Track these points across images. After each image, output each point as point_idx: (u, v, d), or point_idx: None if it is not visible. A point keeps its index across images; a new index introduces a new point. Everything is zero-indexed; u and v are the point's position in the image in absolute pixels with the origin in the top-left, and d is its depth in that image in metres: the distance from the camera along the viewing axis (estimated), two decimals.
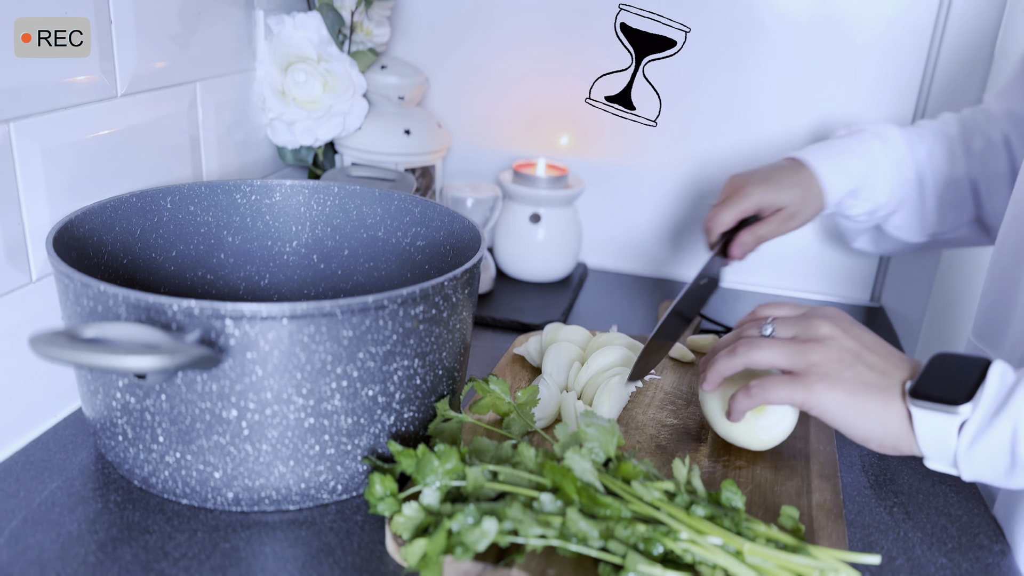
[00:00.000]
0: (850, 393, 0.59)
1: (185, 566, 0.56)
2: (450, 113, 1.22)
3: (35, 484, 0.64)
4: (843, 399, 0.60)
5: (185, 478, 0.60)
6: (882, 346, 0.63)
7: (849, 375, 0.60)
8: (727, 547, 0.53)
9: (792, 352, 0.62)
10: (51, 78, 0.68)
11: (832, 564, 0.53)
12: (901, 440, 0.59)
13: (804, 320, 0.64)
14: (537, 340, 0.87)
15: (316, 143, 1.05)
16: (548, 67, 1.17)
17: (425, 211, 0.81)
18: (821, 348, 0.61)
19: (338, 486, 0.63)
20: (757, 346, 0.64)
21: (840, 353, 0.61)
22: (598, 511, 0.56)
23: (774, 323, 0.65)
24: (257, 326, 0.55)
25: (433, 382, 0.65)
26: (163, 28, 0.81)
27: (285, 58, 0.99)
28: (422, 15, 1.18)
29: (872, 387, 0.59)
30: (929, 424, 0.57)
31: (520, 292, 1.11)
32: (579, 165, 1.20)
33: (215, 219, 0.81)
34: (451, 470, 0.59)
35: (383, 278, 0.84)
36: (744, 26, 1.10)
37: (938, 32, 1.06)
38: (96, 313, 0.57)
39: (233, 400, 0.57)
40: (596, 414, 0.64)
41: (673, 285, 1.19)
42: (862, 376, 0.60)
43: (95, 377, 0.60)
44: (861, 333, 0.63)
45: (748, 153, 1.15)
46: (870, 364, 0.61)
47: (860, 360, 0.61)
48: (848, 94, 1.10)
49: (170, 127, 0.84)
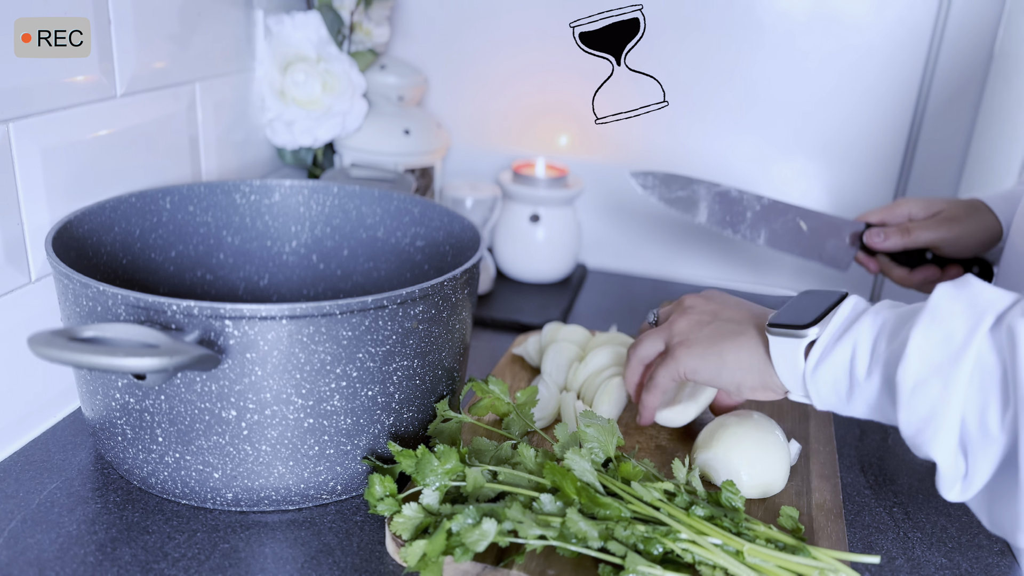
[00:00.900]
0: (707, 347, 0.63)
1: (184, 566, 0.56)
2: (449, 113, 1.22)
3: (34, 484, 0.64)
4: (701, 353, 0.63)
5: (184, 478, 0.60)
6: (745, 306, 0.66)
7: (706, 332, 0.64)
8: (727, 547, 0.53)
9: (661, 330, 0.68)
10: (50, 78, 0.68)
11: (832, 564, 0.53)
12: (765, 376, 0.61)
13: (677, 302, 0.70)
14: (536, 340, 0.87)
15: (315, 143, 1.05)
16: (548, 67, 1.17)
17: (425, 211, 0.81)
18: (681, 318, 0.67)
19: (338, 486, 0.63)
20: (640, 342, 0.70)
21: (698, 317, 0.66)
22: (598, 511, 0.56)
23: (659, 310, 0.72)
24: (256, 326, 0.55)
25: (432, 382, 0.65)
26: (162, 28, 0.81)
27: (284, 58, 0.99)
28: (422, 15, 1.18)
29: (726, 335, 0.63)
30: (781, 349, 0.59)
31: (520, 292, 1.11)
32: (579, 165, 1.20)
33: (214, 219, 0.81)
34: (451, 470, 0.59)
35: (382, 278, 0.84)
36: (743, 26, 1.10)
37: (937, 32, 1.06)
38: (95, 313, 0.57)
39: (232, 400, 0.57)
40: (596, 414, 0.64)
41: (673, 286, 1.19)
42: (718, 330, 0.64)
43: (94, 377, 0.60)
44: (727, 299, 0.67)
45: (748, 153, 1.15)
46: (727, 318, 0.65)
47: (717, 318, 0.65)
48: (848, 94, 1.10)
49: (169, 127, 0.84)
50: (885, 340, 0.54)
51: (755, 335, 0.62)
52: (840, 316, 0.57)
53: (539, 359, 0.86)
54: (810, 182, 1.15)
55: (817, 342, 0.57)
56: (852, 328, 0.56)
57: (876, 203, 1.14)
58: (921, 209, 0.85)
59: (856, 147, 1.12)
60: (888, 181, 1.13)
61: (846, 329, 0.56)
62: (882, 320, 0.55)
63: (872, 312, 0.56)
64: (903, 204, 0.87)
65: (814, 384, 0.57)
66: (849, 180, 1.14)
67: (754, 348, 0.62)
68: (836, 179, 1.14)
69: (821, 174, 1.14)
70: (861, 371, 0.55)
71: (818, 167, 1.14)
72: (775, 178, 1.15)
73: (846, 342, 0.56)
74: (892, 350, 0.53)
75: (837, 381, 0.57)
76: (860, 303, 0.58)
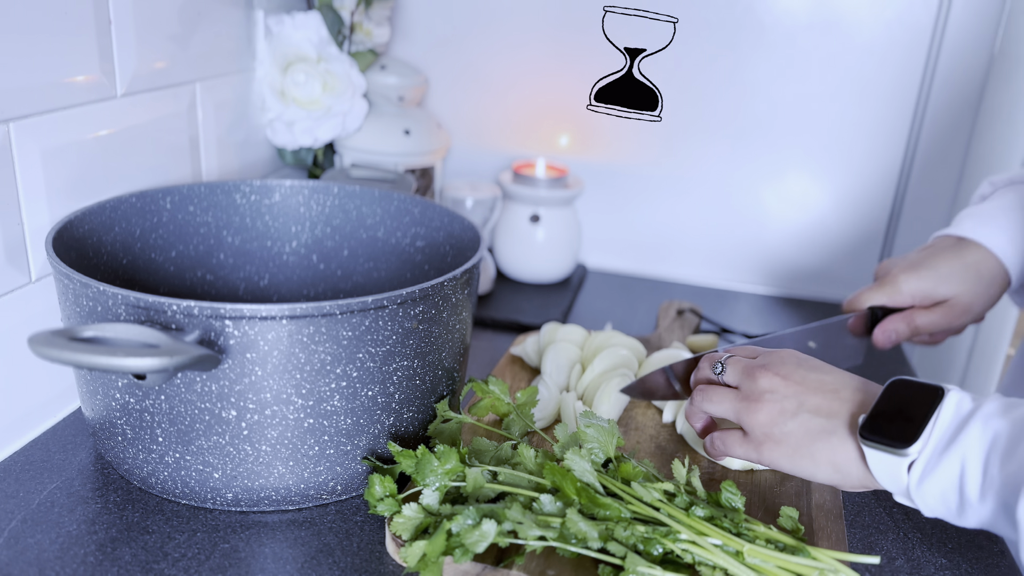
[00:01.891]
0: (796, 447, 0.58)
1: (184, 566, 0.56)
2: (450, 113, 1.22)
3: (34, 484, 0.64)
4: (791, 454, 0.58)
5: (184, 478, 0.60)
6: (829, 382, 0.59)
7: (792, 427, 0.58)
8: (727, 548, 0.53)
9: (737, 409, 0.61)
10: (51, 78, 0.68)
11: (832, 565, 0.53)
12: (864, 479, 0.56)
13: (748, 370, 0.62)
14: (534, 340, 0.87)
15: (316, 143, 1.05)
16: (548, 67, 1.17)
17: (425, 211, 0.81)
18: (762, 406, 0.59)
19: (338, 486, 0.63)
20: (708, 398, 0.64)
21: (781, 406, 0.59)
22: (598, 512, 0.56)
23: (726, 363, 0.64)
24: (256, 326, 0.55)
25: (433, 382, 0.65)
26: (163, 28, 0.81)
27: (285, 58, 0.99)
28: (422, 15, 1.18)
29: (817, 434, 0.57)
30: (881, 463, 0.54)
31: (520, 293, 1.11)
32: (579, 165, 1.20)
33: (215, 219, 0.81)
34: (451, 471, 0.59)
35: (383, 278, 0.84)
36: (743, 27, 1.10)
37: (938, 33, 1.06)
38: (95, 313, 0.57)
39: (233, 400, 0.57)
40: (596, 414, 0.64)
41: (673, 286, 1.19)
42: (806, 425, 0.58)
43: (94, 377, 0.60)
44: (805, 375, 0.60)
45: (748, 154, 1.15)
46: (813, 409, 0.58)
47: (802, 408, 0.58)
48: (848, 94, 1.10)
49: (170, 127, 0.84)
50: (998, 460, 0.49)
51: (848, 436, 0.56)
52: (943, 424, 0.52)
53: (538, 359, 0.86)
54: (810, 183, 1.15)
55: (918, 459, 0.52)
56: (958, 440, 0.51)
57: (875, 203, 1.14)
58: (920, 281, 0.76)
59: (856, 148, 1.12)
60: (888, 181, 1.13)
61: (951, 440, 0.51)
62: (993, 433, 0.50)
63: (980, 420, 0.51)
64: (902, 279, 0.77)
65: (920, 497, 0.53)
66: (849, 181, 1.14)
67: (849, 452, 0.56)
68: (836, 180, 1.14)
69: (821, 175, 1.14)
70: (973, 493, 0.50)
71: (818, 168, 1.14)
72: (775, 179, 1.16)
73: (952, 457, 0.51)
74: (1008, 474, 0.48)
75: (946, 496, 0.52)
76: (963, 403, 0.52)
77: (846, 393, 0.58)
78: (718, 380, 0.64)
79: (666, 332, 0.97)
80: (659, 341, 0.94)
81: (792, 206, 1.16)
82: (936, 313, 0.76)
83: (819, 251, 1.18)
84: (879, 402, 0.55)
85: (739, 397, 0.62)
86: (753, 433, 0.60)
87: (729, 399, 0.62)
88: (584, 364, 0.84)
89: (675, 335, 0.97)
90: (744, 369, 0.62)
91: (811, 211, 1.16)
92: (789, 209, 1.17)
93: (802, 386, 0.59)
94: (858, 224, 1.15)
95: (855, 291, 1.18)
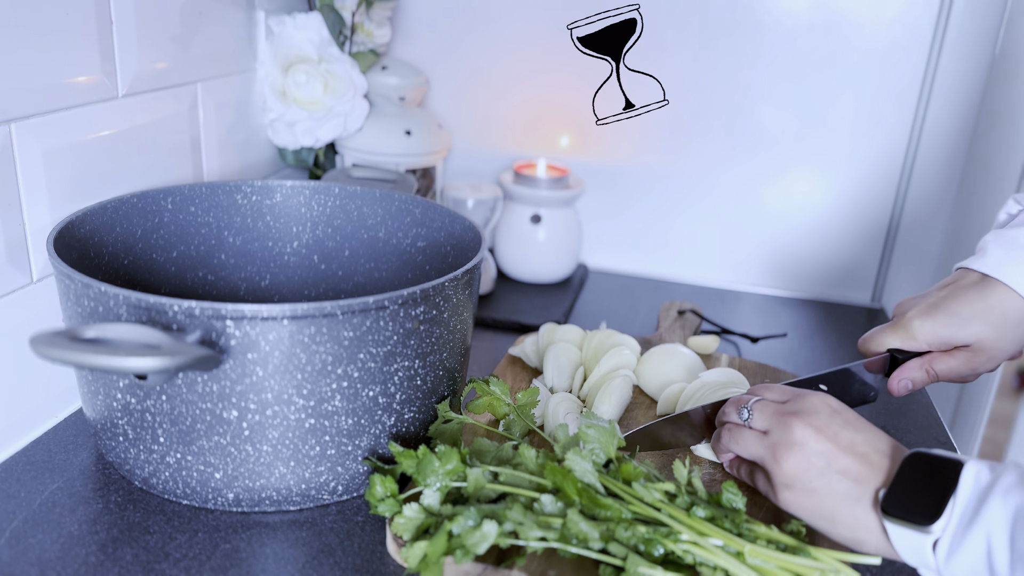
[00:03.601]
0: (819, 504, 0.57)
1: (186, 567, 0.56)
2: (451, 114, 1.23)
3: (36, 485, 0.64)
4: (812, 509, 0.57)
5: (186, 479, 0.60)
6: (860, 443, 0.57)
7: (818, 484, 0.57)
8: (728, 548, 0.53)
9: (765, 455, 0.60)
10: (52, 79, 0.68)
11: (832, 565, 0.53)
12: (882, 549, 0.55)
13: (780, 416, 0.61)
14: (533, 341, 0.87)
15: (317, 144, 1.05)
16: (548, 68, 1.17)
17: (426, 212, 0.81)
18: (790, 456, 0.58)
19: (339, 487, 0.63)
20: (736, 439, 0.63)
21: (809, 461, 0.57)
22: (599, 512, 0.56)
23: (753, 408, 0.63)
24: (258, 327, 0.55)
25: (434, 383, 0.65)
26: (164, 29, 0.81)
27: (286, 59, 0.99)
28: (423, 16, 1.18)
29: (842, 499, 0.56)
30: (905, 540, 0.53)
31: (521, 293, 1.11)
32: (579, 166, 1.20)
33: (216, 220, 0.81)
34: (452, 471, 0.59)
35: (384, 279, 0.84)
36: (744, 27, 1.10)
37: (939, 33, 1.06)
38: (97, 314, 0.57)
39: (234, 401, 0.57)
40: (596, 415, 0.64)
41: (674, 286, 1.19)
42: (832, 486, 0.56)
43: (96, 378, 0.60)
44: (838, 431, 0.58)
45: (749, 154, 1.15)
46: (842, 470, 0.56)
47: (831, 467, 0.57)
48: (848, 95, 1.10)
49: (171, 128, 0.84)
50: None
51: (871, 508, 0.55)
52: (963, 500, 0.51)
53: (537, 360, 0.86)
54: (811, 184, 1.15)
55: (943, 538, 0.51)
56: (980, 515, 0.50)
57: (875, 204, 1.14)
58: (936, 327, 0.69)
59: (857, 148, 1.12)
60: (890, 182, 1.13)
61: (973, 515, 0.50)
62: (1015, 507, 0.49)
63: (1000, 495, 0.50)
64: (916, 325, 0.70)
65: (950, 573, 0.51)
66: (850, 181, 1.14)
67: (871, 523, 0.55)
68: (837, 181, 1.14)
69: (822, 176, 1.14)
70: (1002, 567, 0.49)
71: (819, 169, 1.14)
72: (775, 179, 1.15)
73: (977, 533, 0.50)
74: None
75: (976, 571, 0.50)
76: (982, 475, 0.51)
77: (875, 458, 0.57)
78: (745, 424, 0.63)
79: (667, 332, 0.97)
80: (660, 341, 0.94)
81: (793, 207, 1.16)
82: (958, 359, 0.69)
83: (820, 252, 1.18)
84: (898, 474, 0.54)
85: (768, 443, 0.60)
86: (776, 479, 0.59)
87: (757, 444, 0.61)
88: (584, 364, 0.84)
89: (676, 336, 0.97)
90: (775, 414, 0.61)
91: (812, 212, 1.16)
92: (790, 210, 1.17)
93: (834, 444, 0.57)
94: (859, 224, 1.15)
95: (854, 291, 1.18)
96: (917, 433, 0.81)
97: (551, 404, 0.74)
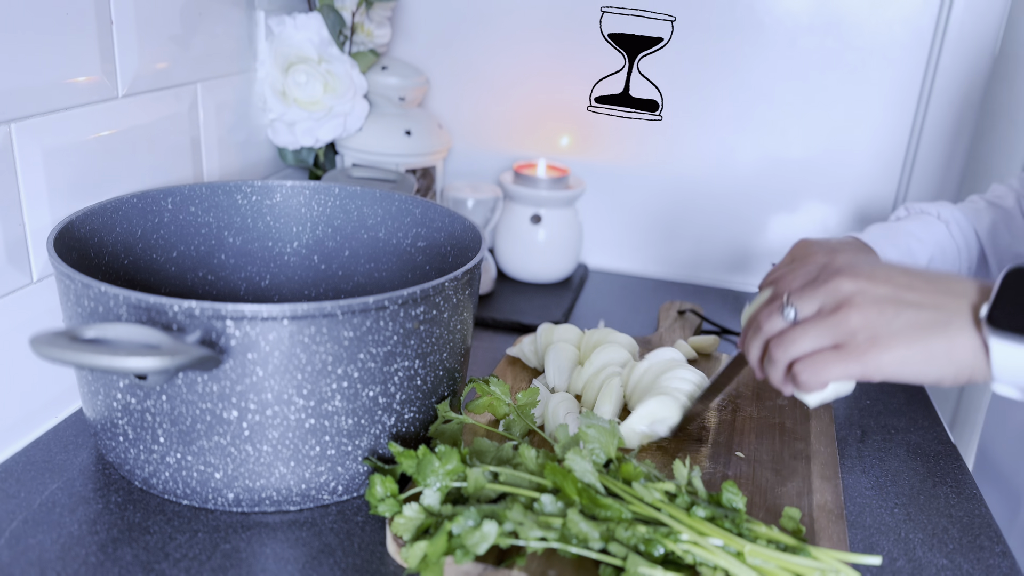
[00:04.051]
0: (909, 345, 0.53)
1: (186, 567, 0.56)
2: (451, 114, 1.23)
3: (36, 485, 0.64)
4: (904, 355, 0.53)
5: (186, 479, 0.60)
6: (921, 277, 0.55)
7: (899, 325, 0.53)
8: (728, 548, 0.53)
9: (829, 329, 0.56)
10: (52, 79, 0.68)
11: (833, 565, 0.53)
12: (975, 371, 0.53)
13: (822, 285, 0.57)
14: (531, 341, 0.87)
15: (317, 144, 1.05)
16: (548, 68, 1.17)
17: (426, 212, 0.81)
18: (856, 309, 0.54)
19: (339, 487, 0.63)
20: (792, 340, 0.58)
21: (879, 307, 0.54)
22: (599, 512, 0.56)
23: (791, 301, 0.58)
24: (258, 327, 0.55)
25: (434, 383, 0.65)
26: (164, 29, 0.81)
27: (286, 59, 0.99)
28: (423, 16, 1.18)
29: (931, 328, 0.53)
30: (1009, 355, 0.51)
31: (521, 293, 1.11)
32: (580, 166, 1.20)
33: (216, 220, 0.81)
34: (452, 471, 0.59)
35: (384, 279, 0.84)
36: (745, 27, 1.10)
37: (939, 33, 1.06)
38: (97, 314, 0.57)
39: (234, 401, 0.57)
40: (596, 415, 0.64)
41: (674, 286, 1.19)
42: (915, 320, 0.53)
43: (96, 378, 0.60)
44: (889, 272, 0.55)
45: (748, 155, 1.15)
46: (917, 304, 0.54)
47: (903, 303, 0.54)
48: (849, 95, 1.10)
49: (171, 128, 0.85)
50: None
51: (970, 327, 0.52)
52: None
53: (536, 360, 0.86)
54: (811, 184, 1.15)
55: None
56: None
57: (875, 204, 1.14)
58: None
59: (858, 148, 1.12)
60: (890, 182, 1.13)
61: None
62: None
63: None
64: None
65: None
66: (850, 181, 1.14)
67: (970, 343, 0.52)
68: (837, 181, 1.14)
69: (822, 176, 1.14)
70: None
71: (819, 169, 1.14)
72: (775, 179, 1.15)
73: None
74: None
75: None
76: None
77: (943, 286, 0.55)
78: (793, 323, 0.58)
79: (667, 332, 0.97)
80: (660, 341, 0.94)
81: (792, 207, 1.16)
82: None
83: None
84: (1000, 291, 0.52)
85: (824, 317, 0.56)
86: (855, 341, 0.54)
87: (814, 327, 0.56)
88: (581, 363, 0.84)
89: (676, 335, 0.97)
90: (816, 286, 0.57)
91: (812, 212, 1.16)
92: (789, 210, 1.17)
93: (892, 284, 0.55)
94: (860, 224, 1.15)
95: None
96: (917, 433, 0.81)
97: (551, 404, 0.74)
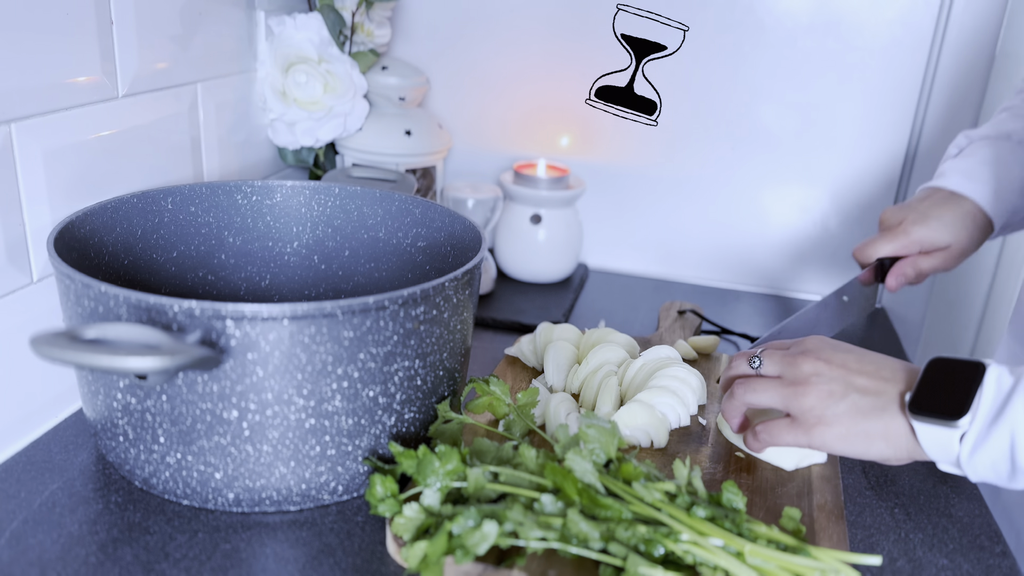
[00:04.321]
0: (849, 427, 0.60)
1: (186, 567, 0.56)
2: (451, 114, 1.23)
3: (36, 485, 0.64)
4: (844, 434, 0.60)
5: (186, 479, 0.60)
6: (870, 363, 0.62)
7: (843, 408, 0.60)
8: (728, 548, 0.53)
9: (784, 395, 0.63)
10: (53, 79, 0.68)
11: (833, 565, 0.53)
12: (912, 451, 0.59)
13: (789, 358, 0.65)
14: (529, 340, 0.87)
15: (317, 144, 1.05)
16: (548, 67, 1.17)
17: (426, 212, 0.81)
18: (810, 389, 0.62)
19: (339, 487, 0.63)
20: (751, 388, 0.65)
21: (829, 388, 0.61)
22: (599, 512, 0.56)
23: (761, 355, 0.67)
24: (258, 327, 0.55)
25: (434, 383, 0.65)
26: (164, 29, 0.81)
27: (286, 59, 0.99)
28: (423, 16, 1.18)
29: (869, 412, 0.60)
30: (932, 437, 0.57)
31: (521, 293, 1.11)
32: (580, 166, 1.20)
33: (216, 220, 0.81)
34: (452, 471, 0.59)
35: (384, 279, 0.84)
36: (745, 27, 1.10)
37: (939, 33, 1.06)
38: (97, 314, 0.57)
39: (234, 401, 0.57)
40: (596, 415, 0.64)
41: (675, 286, 1.19)
42: (856, 405, 0.60)
43: (96, 378, 0.60)
44: (846, 357, 0.63)
45: (749, 155, 1.15)
46: (862, 389, 0.61)
47: (850, 388, 0.61)
48: (849, 95, 1.10)
49: (171, 128, 0.85)
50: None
51: (899, 413, 0.59)
52: (988, 399, 0.55)
53: (535, 359, 0.86)
54: (810, 184, 1.15)
55: (969, 432, 0.55)
56: (1005, 412, 0.54)
57: (876, 204, 1.14)
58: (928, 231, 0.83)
59: (858, 149, 1.12)
60: (890, 182, 1.13)
61: (998, 413, 0.54)
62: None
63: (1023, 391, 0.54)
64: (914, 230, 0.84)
65: (971, 467, 0.56)
66: (850, 182, 1.14)
67: (900, 427, 0.59)
68: (837, 181, 1.14)
69: (822, 176, 1.14)
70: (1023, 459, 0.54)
71: (819, 169, 1.14)
72: (776, 179, 1.16)
73: (1002, 429, 0.54)
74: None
75: (996, 465, 0.55)
76: (1004, 378, 0.55)
77: (887, 373, 0.61)
78: (755, 374, 0.67)
79: (667, 332, 0.97)
80: (660, 341, 0.94)
81: (793, 207, 1.16)
82: (937, 258, 0.84)
83: (821, 252, 1.18)
84: (923, 379, 0.58)
85: (784, 384, 0.64)
86: (803, 417, 0.62)
87: (774, 387, 0.64)
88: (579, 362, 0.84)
89: (676, 335, 0.97)
90: (783, 358, 0.65)
91: (812, 212, 1.16)
92: (790, 210, 1.17)
93: (845, 369, 0.62)
94: (860, 224, 1.15)
95: None
96: None
97: (551, 404, 0.74)
